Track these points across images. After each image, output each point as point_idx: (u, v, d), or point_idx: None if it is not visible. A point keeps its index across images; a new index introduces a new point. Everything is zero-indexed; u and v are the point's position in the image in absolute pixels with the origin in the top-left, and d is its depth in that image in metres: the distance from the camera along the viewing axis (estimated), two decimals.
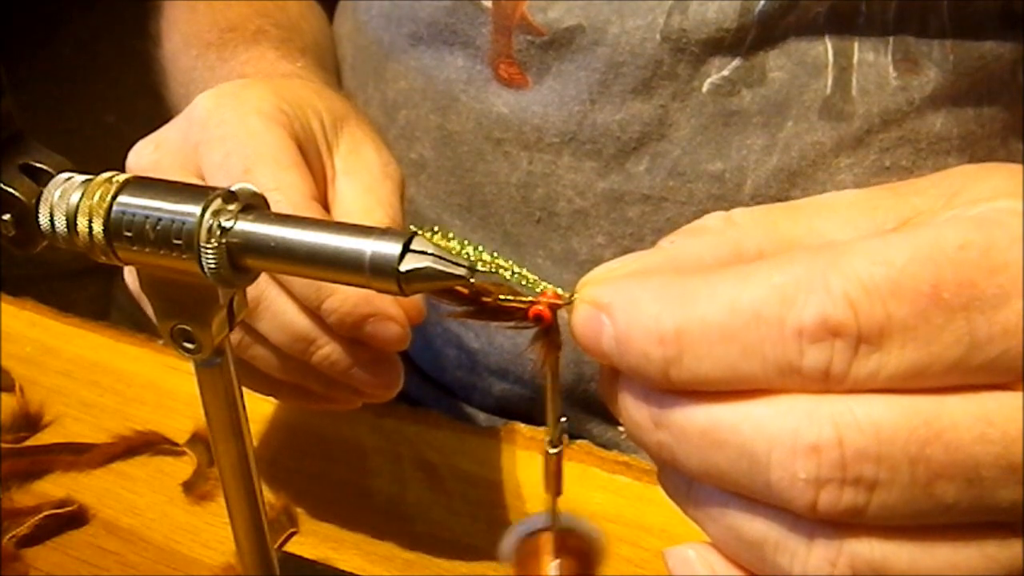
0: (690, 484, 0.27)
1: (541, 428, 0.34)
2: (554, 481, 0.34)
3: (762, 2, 0.56)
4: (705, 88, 0.58)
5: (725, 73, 0.58)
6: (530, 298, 0.31)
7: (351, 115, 0.51)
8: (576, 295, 0.27)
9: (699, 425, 0.25)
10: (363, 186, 0.48)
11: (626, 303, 0.26)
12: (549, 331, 0.31)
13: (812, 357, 0.24)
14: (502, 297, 0.31)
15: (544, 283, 0.30)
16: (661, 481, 0.28)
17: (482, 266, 0.31)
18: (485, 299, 0.31)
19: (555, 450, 0.34)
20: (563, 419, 0.34)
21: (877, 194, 0.28)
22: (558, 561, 0.39)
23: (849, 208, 0.28)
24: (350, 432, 0.62)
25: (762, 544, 0.26)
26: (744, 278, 0.25)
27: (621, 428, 0.27)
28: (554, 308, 0.31)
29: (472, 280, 0.31)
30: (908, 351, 0.24)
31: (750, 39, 0.57)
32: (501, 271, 0.31)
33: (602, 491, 0.57)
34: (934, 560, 0.25)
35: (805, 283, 0.24)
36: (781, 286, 0.24)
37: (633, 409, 0.27)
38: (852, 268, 0.24)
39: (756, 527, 0.26)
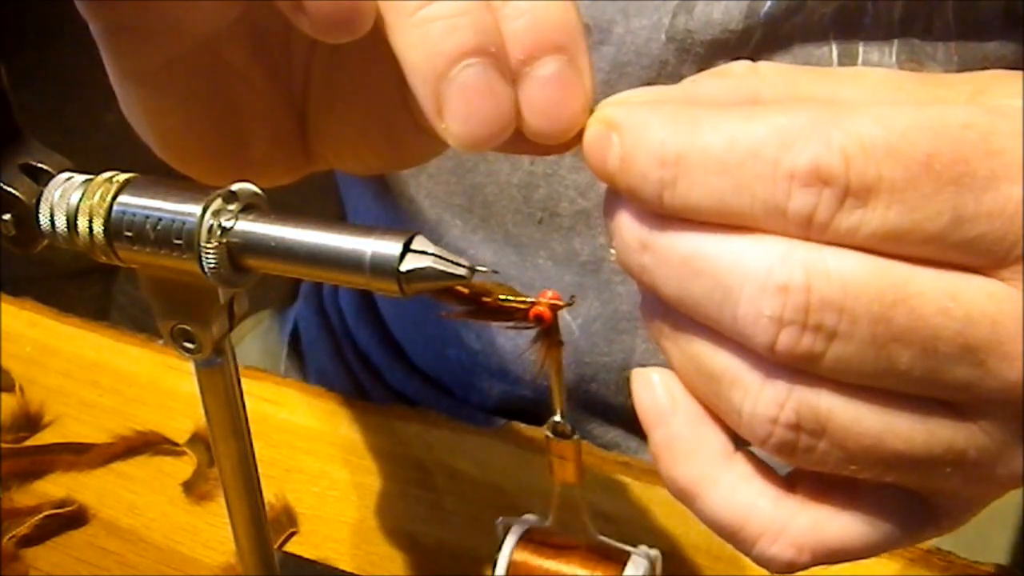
0: (665, 312, 0.28)
1: (542, 428, 0.34)
2: (571, 470, 0.35)
3: (768, 3, 0.56)
4: None
5: None
6: (530, 298, 0.31)
7: None
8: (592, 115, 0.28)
9: (681, 251, 0.26)
10: None
11: (636, 123, 0.26)
12: (549, 331, 0.31)
13: (799, 201, 0.24)
14: (502, 297, 0.31)
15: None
16: (641, 309, 0.30)
17: None
18: (485, 299, 0.31)
19: (567, 439, 0.34)
20: (557, 419, 0.34)
21: (905, 77, 0.28)
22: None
23: (875, 84, 0.28)
24: (350, 432, 0.62)
25: (720, 377, 0.27)
26: (749, 116, 0.25)
27: (612, 251, 0.28)
28: (554, 308, 0.31)
29: (472, 280, 0.31)
30: (892, 213, 0.24)
31: (755, 40, 0.57)
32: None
33: (602, 491, 0.57)
34: (877, 422, 0.26)
35: (806, 130, 0.24)
36: (782, 129, 0.25)
37: (625, 229, 0.27)
38: (853, 124, 0.24)
39: (718, 360, 0.27)
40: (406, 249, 0.30)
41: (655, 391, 0.29)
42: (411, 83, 0.28)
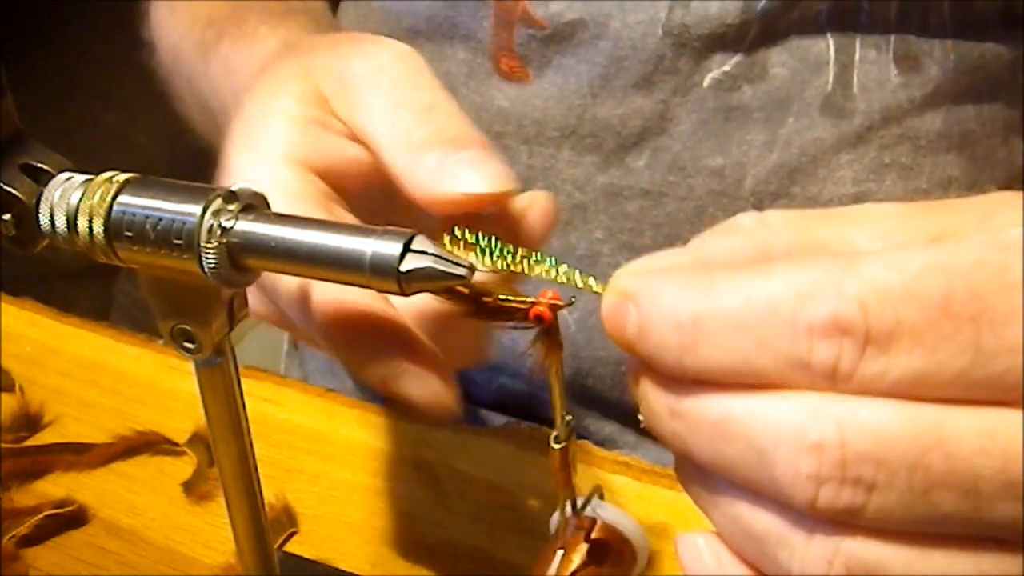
0: (702, 474, 0.28)
1: (543, 428, 0.34)
2: (562, 477, 0.35)
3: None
4: (706, 83, 0.58)
5: (726, 68, 0.58)
6: (530, 298, 0.31)
7: (316, 65, 0.43)
8: (607, 286, 0.28)
9: (711, 416, 0.26)
10: (386, 132, 0.41)
11: (650, 291, 0.27)
12: (549, 331, 0.31)
13: (821, 353, 0.24)
14: (502, 297, 0.31)
15: (591, 279, 0.30)
16: (676, 470, 0.29)
17: (515, 267, 0.31)
18: (485, 299, 0.31)
19: (559, 446, 0.34)
20: (568, 417, 0.34)
21: (911, 210, 0.29)
22: (561, 553, 0.39)
23: (882, 220, 0.28)
24: (350, 432, 0.62)
25: (765, 538, 0.26)
26: (763, 274, 0.26)
27: (641, 418, 0.28)
28: (554, 308, 0.31)
29: (472, 280, 0.31)
30: (914, 356, 0.24)
31: (752, 35, 0.57)
32: (539, 269, 0.31)
33: (602, 491, 0.57)
34: (929, 566, 0.25)
35: (821, 283, 0.25)
36: (798, 284, 0.25)
37: (652, 397, 0.27)
38: (867, 273, 0.24)
39: (760, 520, 0.26)
40: (406, 249, 0.30)
41: (702, 556, 0.29)
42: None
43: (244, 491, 0.40)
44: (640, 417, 0.28)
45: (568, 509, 0.36)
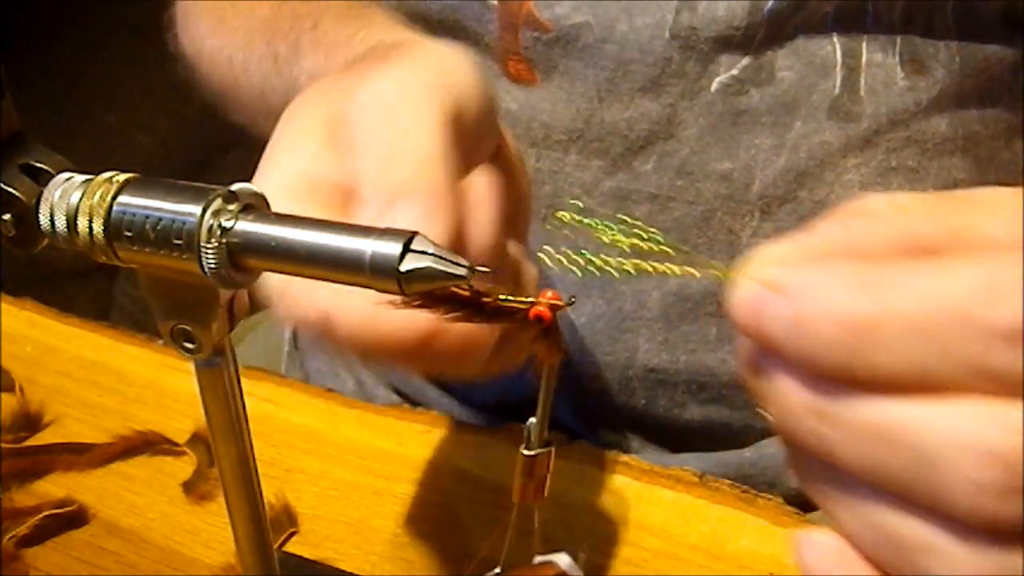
0: (834, 475, 0.26)
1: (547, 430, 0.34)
2: (532, 487, 0.34)
3: (771, 1, 0.56)
4: (714, 87, 0.58)
5: (734, 72, 0.58)
6: (530, 298, 0.31)
7: (349, 110, 0.43)
8: (739, 274, 0.26)
9: (873, 423, 0.24)
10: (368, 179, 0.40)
11: (811, 285, 0.25)
12: (550, 331, 0.31)
13: (1009, 359, 0.23)
14: (502, 297, 0.31)
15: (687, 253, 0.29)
16: (794, 467, 0.28)
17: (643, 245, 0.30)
18: (485, 299, 0.31)
19: (531, 453, 0.33)
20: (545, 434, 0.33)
21: None
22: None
23: (1010, 208, 0.27)
24: (350, 432, 0.62)
25: (913, 547, 0.25)
26: (944, 272, 0.24)
27: (763, 411, 0.27)
28: (554, 308, 0.31)
29: (472, 281, 0.31)
30: None
31: (759, 38, 0.57)
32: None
33: (602, 491, 0.57)
34: None
35: (1009, 284, 0.23)
36: (983, 284, 0.23)
37: (793, 396, 0.25)
38: None
39: (910, 529, 0.25)
40: (406, 249, 0.30)
41: (826, 556, 0.27)
42: None
43: (244, 491, 0.40)
44: (760, 410, 0.26)
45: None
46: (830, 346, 0.24)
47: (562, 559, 0.41)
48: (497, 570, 0.41)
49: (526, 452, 0.33)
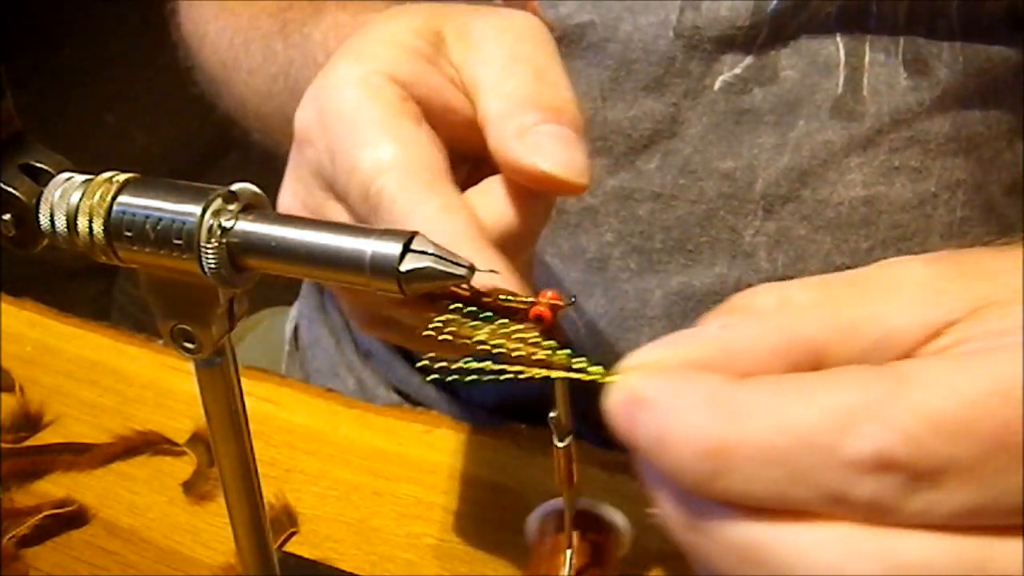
0: None
1: (543, 428, 0.34)
2: (565, 475, 0.35)
3: (774, 1, 0.56)
4: (717, 86, 0.58)
5: (737, 71, 0.58)
6: (530, 298, 0.31)
7: (444, 10, 0.44)
8: (615, 376, 0.26)
9: (737, 541, 0.24)
10: (493, 78, 0.40)
11: (670, 404, 0.24)
12: (550, 331, 0.31)
13: (864, 489, 0.23)
14: (502, 297, 0.31)
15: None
16: (693, 567, 0.27)
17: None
18: (485, 299, 0.31)
19: (562, 444, 0.34)
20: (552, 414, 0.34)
21: (942, 273, 0.26)
22: (570, 552, 0.39)
23: (914, 291, 0.26)
24: (350, 432, 0.62)
25: None
26: (798, 396, 0.23)
27: (654, 512, 0.26)
28: (554, 308, 0.31)
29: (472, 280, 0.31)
30: (965, 492, 0.22)
31: (762, 37, 0.57)
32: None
33: (602, 491, 0.57)
34: None
35: (863, 410, 0.23)
36: (837, 410, 0.23)
37: (667, 506, 0.25)
38: (914, 400, 0.23)
39: None
40: (406, 249, 0.30)
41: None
42: None
43: (244, 491, 0.40)
44: (651, 512, 0.26)
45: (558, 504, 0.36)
46: (689, 467, 0.24)
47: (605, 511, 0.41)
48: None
49: (559, 444, 0.34)
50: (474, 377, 0.29)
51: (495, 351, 0.30)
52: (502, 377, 0.29)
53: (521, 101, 0.38)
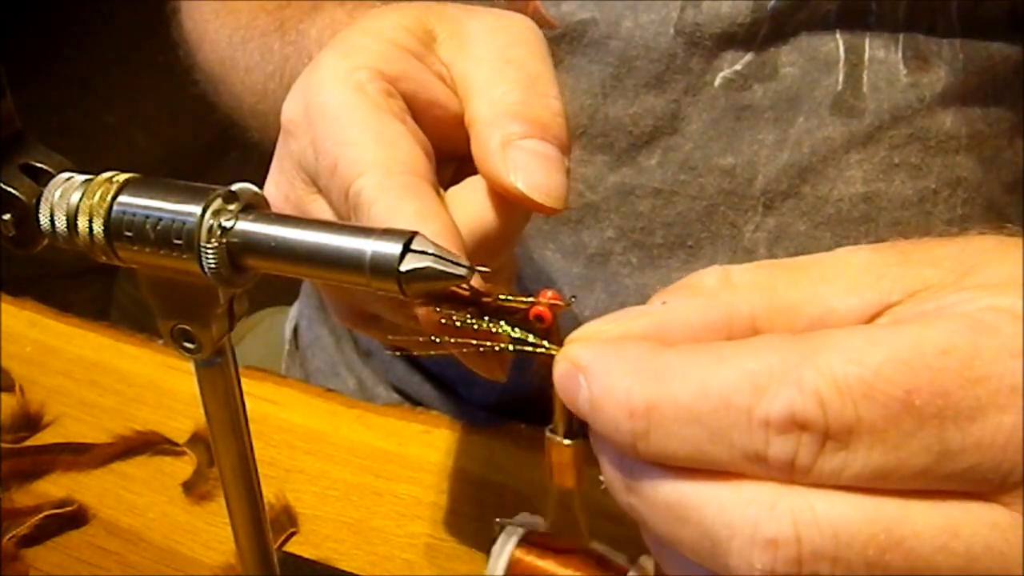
0: (660, 544, 0.27)
1: (543, 428, 0.34)
2: (573, 473, 0.35)
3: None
4: (717, 83, 0.58)
5: (737, 68, 0.58)
6: (530, 298, 0.31)
7: (437, 9, 0.44)
8: (560, 350, 0.28)
9: (665, 499, 0.25)
10: (483, 80, 0.40)
11: (602, 369, 0.26)
12: (549, 331, 0.31)
13: (777, 448, 0.24)
14: (502, 297, 0.31)
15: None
16: (644, 536, 0.29)
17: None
18: (485, 299, 0.31)
19: (568, 442, 0.34)
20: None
21: (886, 259, 0.27)
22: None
23: (855, 274, 0.27)
24: (350, 432, 0.62)
25: None
26: (718, 361, 0.25)
27: (602, 478, 0.28)
28: (554, 308, 0.31)
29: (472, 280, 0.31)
30: (875, 453, 0.23)
31: (763, 34, 0.57)
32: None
33: (602, 491, 0.57)
34: None
35: (778, 373, 0.24)
36: (753, 373, 0.24)
37: (607, 469, 0.27)
38: (827, 364, 0.23)
39: None
40: (406, 249, 0.30)
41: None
42: None
43: (244, 491, 0.40)
44: (600, 479, 0.28)
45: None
46: (617, 429, 0.25)
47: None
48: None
49: (567, 442, 0.34)
50: (434, 352, 0.31)
51: (481, 348, 0.31)
52: (462, 351, 0.31)
53: (509, 109, 0.38)
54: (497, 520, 0.42)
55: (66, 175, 0.35)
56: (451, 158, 0.41)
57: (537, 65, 0.40)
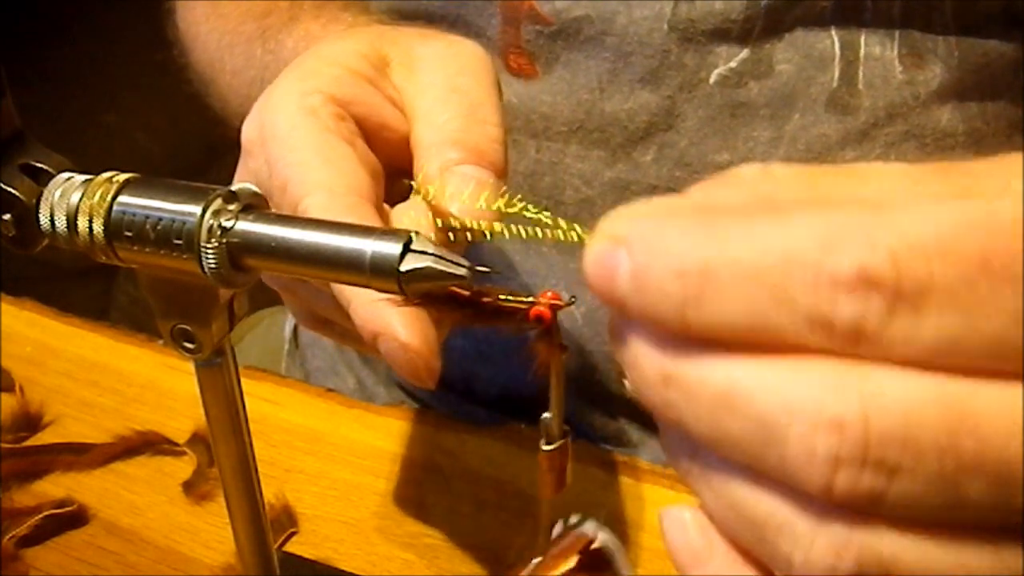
0: (695, 450, 0.25)
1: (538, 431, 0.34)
2: (553, 480, 0.34)
3: None
4: (712, 79, 0.59)
5: (732, 64, 0.58)
6: (530, 298, 0.31)
7: (392, 35, 0.46)
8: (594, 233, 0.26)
9: (714, 385, 0.23)
10: (428, 106, 0.42)
11: (649, 236, 0.24)
12: (550, 331, 0.31)
13: (846, 309, 0.22)
14: (502, 297, 0.31)
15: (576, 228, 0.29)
16: (663, 444, 0.27)
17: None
18: (485, 299, 0.31)
19: (550, 447, 0.33)
20: (566, 427, 0.33)
21: (926, 170, 0.26)
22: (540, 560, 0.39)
23: (896, 179, 0.26)
24: (350, 432, 0.62)
25: (765, 524, 0.24)
26: (782, 220, 0.23)
27: (626, 381, 0.25)
28: (554, 308, 0.31)
29: (472, 281, 0.31)
30: (947, 317, 0.22)
31: (757, 31, 0.57)
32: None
33: (602, 491, 0.57)
34: (946, 561, 0.23)
35: (847, 231, 0.22)
36: (821, 231, 0.22)
37: (643, 359, 0.24)
38: (898, 223, 0.22)
39: (762, 505, 0.24)
40: (406, 249, 0.30)
41: (688, 532, 0.26)
42: None
43: (244, 491, 0.40)
44: (626, 383, 0.25)
45: (559, 526, 0.36)
46: (666, 295, 0.23)
47: (589, 527, 0.41)
48: (537, 559, 0.41)
49: (546, 448, 0.33)
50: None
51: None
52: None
53: (449, 136, 0.40)
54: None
55: (66, 175, 0.35)
56: (404, 175, 0.43)
57: (480, 93, 0.42)
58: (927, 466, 0.22)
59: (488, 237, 0.32)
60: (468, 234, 0.33)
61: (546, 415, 0.34)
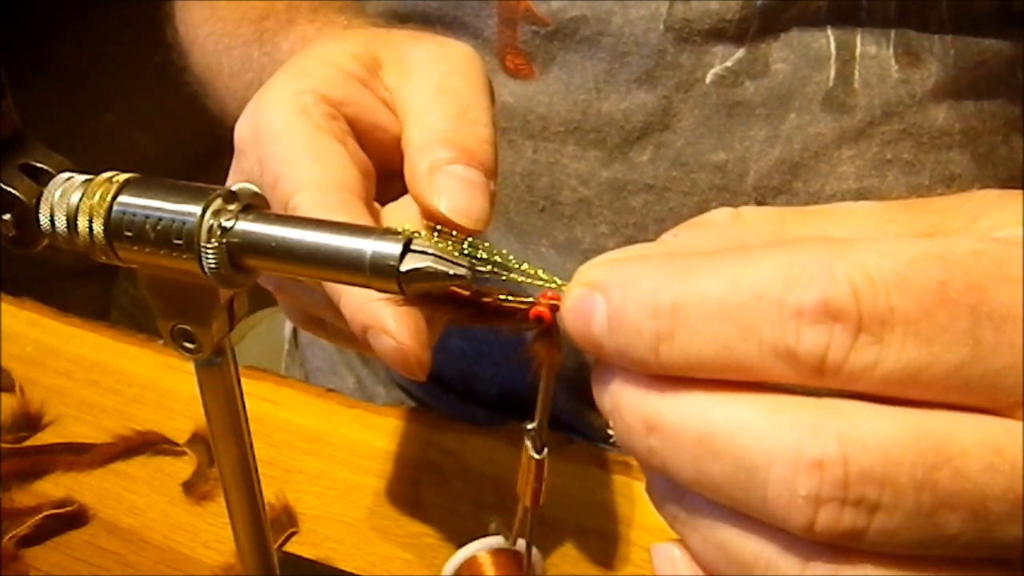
0: (680, 496, 0.26)
1: (547, 430, 0.34)
2: (539, 489, 0.34)
3: None
4: (708, 79, 0.59)
5: (728, 64, 0.58)
6: (530, 299, 0.31)
7: (385, 37, 0.47)
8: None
9: (694, 429, 0.24)
10: (419, 107, 0.43)
11: (622, 279, 0.25)
12: (549, 332, 0.31)
13: (809, 340, 0.23)
14: (502, 297, 0.31)
15: (541, 274, 0.29)
16: (648, 490, 0.27)
17: (482, 254, 0.30)
18: (485, 299, 0.31)
19: (539, 456, 0.33)
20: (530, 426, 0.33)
21: (893, 208, 0.27)
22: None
23: (863, 219, 0.27)
24: (350, 432, 0.62)
25: (752, 566, 0.24)
26: (747, 258, 0.24)
27: (611, 431, 0.26)
28: (554, 309, 0.31)
29: (473, 281, 0.31)
30: (908, 347, 0.23)
31: (753, 30, 0.57)
32: (499, 264, 0.30)
33: (602, 491, 0.57)
34: None
35: (810, 267, 0.23)
36: (785, 267, 0.23)
37: (624, 408, 0.25)
38: (859, 257, 0.23)
39: (748, 546, 0.24)
40: (406, 249, 0.30)
41: (678, 569, 0.27)
42: None
43: (244, 491, 0.40)
44: (610, 432, 0.26)
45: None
46: (640, 335, 0.24)
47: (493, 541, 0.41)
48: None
49: (537, 456, 0.33)
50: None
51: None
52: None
53: (438, 136, 0.41)
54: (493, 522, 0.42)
55: (66, 175, 0.35)
56: (396, 175, 0.43)
57: (471, 94, 0.43)
58: (906, 501, 0.22)
59: (475, 239, 0.32)
60: (455, 233, 0.33)
61: (531, 425, 0.34)
